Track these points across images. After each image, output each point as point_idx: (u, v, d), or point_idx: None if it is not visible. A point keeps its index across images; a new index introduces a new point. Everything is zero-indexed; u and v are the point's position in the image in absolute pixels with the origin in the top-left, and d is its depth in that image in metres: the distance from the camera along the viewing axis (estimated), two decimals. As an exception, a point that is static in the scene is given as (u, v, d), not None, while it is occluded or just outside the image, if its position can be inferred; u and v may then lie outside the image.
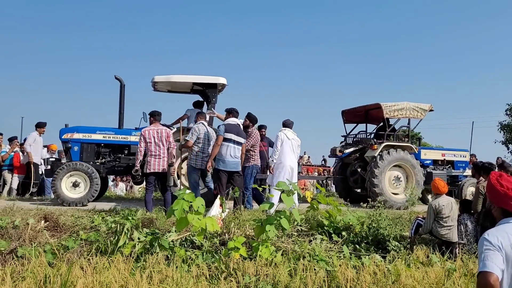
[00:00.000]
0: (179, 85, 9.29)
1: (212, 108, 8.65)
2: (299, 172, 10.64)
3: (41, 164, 10.42)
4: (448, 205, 6.18)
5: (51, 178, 8.21)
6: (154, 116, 7.40)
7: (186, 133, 8.55)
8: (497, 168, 7.81)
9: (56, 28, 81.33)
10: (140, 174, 7.36)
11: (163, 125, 7.59)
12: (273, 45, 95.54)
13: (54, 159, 10.58)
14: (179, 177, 8.21)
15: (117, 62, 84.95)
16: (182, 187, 7.90)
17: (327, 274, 4.76)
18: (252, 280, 4.48)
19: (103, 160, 8.76)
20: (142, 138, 7.15)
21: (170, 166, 7.20)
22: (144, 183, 7.80)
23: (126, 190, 15.59)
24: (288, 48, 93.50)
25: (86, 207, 7.72)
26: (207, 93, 8.92)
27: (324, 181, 14.91)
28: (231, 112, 7.57)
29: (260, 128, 10.47)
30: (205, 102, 9.46)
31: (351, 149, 10.58)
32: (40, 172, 10.41)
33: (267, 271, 4.67)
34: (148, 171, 7.10)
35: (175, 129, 8.69)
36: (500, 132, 30.98)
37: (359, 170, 10.35)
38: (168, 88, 9.63)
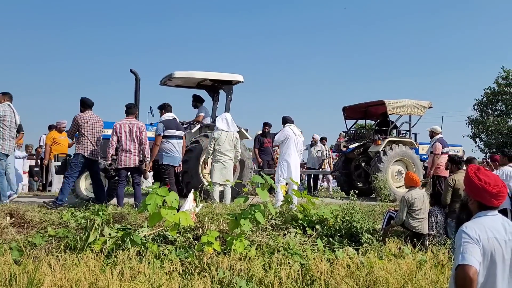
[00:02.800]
0: (189, 81, 9.33)
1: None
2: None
3: None
4: (420, 198, 6.29)
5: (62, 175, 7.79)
6: (127, 109, 7.18)
7: (205, 130, 8.90)
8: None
9: (66, 24, 78.68)
10: (113, 168, 7.17)
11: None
12: (261, 37, 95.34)
13: (65, 155, 10.10)
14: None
15: (124, 57, 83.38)
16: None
17: (301, 267, 4.77)
18: (226, 274, 4.43)
19: None
20: (113, 131, 6.94)
21: (141, 164, 7.01)
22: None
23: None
24: (272, 40, 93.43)
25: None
26: (222, 88, 9.13)
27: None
28: (165, 108, 7.49)
29: (265, 125, 10.58)
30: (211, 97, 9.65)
31: (355, 145, 10.80)
32: None
33: (241, 265, 4.63)
34: (119, 166, 6.93)
35: (196, 128, 8.84)
36: (468, 126, 31.86)
37: (363, 164, 10.61)
38: (177, 83, 9.61)
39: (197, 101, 9.41)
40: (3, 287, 3.86)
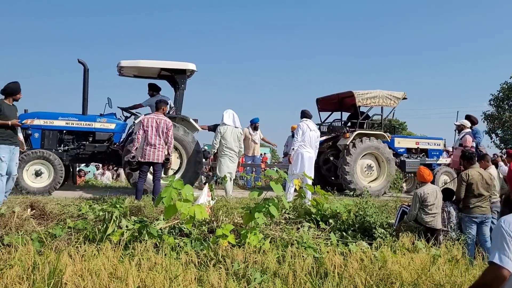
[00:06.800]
0: (146, 70, 9.07)
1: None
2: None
3: None
4: (433, 193, 6.29)
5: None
6: (156, 105, 7.31)
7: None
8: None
9: (15, 10, 77.88)
10: (136, 161, 7.24)
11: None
12: (240, 31, 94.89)
13: None
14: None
15: (81, 47, 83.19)
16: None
17: (315, 260, 4.83)
18: (241, 266, 4.51)
19: (66, 147, 8.49)
20: (140, 125, 7.07)
21: (167, 161, 7.13)
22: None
23: (112, 178, 15.49)
24: (253, 35, 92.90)
25: (73, 195, 7.63)
26: (175, 78, 8.80)
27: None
28: None
29: None
30: (173, 88, 9.39)
31: (324, 138, 10.57)
32: None
33: (255, 258, 4.70)
34: (142, 159, 7.02)
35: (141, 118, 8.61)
36: (483, 122, 31.46)
37: (331, 158, 10.40)
38: (134, 73, 9.40)
39: (153, 90, 9.24)
40: (26, 275, 3.99)
